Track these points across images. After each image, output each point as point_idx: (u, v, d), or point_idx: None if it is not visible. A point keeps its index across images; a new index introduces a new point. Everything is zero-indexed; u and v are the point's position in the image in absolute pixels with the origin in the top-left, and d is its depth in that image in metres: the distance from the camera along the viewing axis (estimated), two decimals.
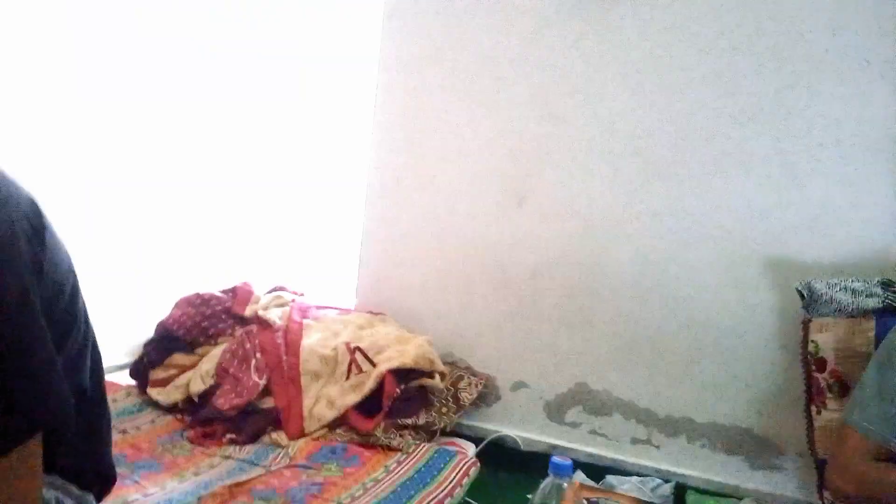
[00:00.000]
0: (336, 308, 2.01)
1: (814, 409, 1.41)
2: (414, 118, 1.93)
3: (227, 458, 1.46)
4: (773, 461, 1.56)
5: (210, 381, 1.67)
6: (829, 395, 1.38)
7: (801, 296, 1.45)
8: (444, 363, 1.82)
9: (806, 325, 1.44)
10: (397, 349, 1.74)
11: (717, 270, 1.61)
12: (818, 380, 1.40)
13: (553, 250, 1.78)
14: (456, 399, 1.74)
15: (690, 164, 1.62)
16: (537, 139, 1.78)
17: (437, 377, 1.74)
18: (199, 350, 1.81)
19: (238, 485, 1.30)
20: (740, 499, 1.46)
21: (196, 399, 1.66)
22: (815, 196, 1.51)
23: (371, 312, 1.97)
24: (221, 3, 2.17)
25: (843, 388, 1.35)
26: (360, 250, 2.03)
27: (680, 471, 1.62)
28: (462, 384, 1.78)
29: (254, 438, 1.55)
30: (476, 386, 1.79)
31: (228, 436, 1.53)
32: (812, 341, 1.42)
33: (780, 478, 1.55)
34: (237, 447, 1.51)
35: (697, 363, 1.63)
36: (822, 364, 1.40)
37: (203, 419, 1.59)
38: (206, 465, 1.42)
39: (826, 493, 1.35)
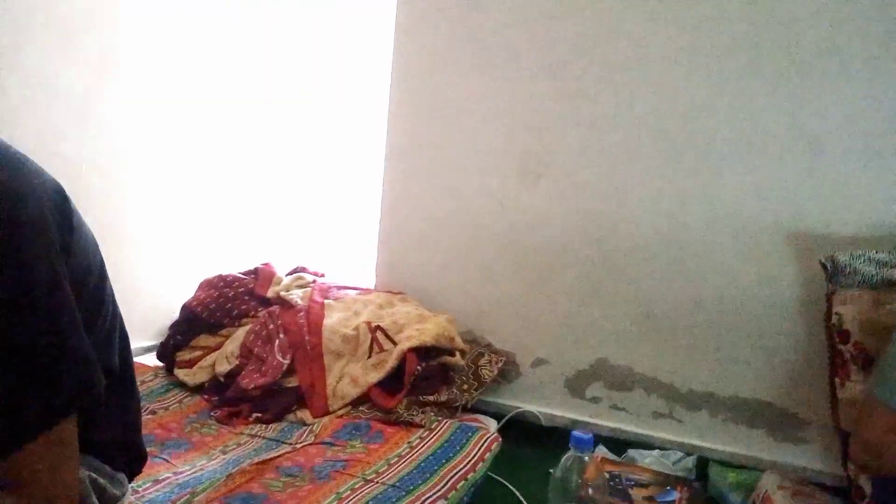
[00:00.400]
0: (356, 288, 2.03)
1: (837, 381, 1.40)
2: (430, 95, 1.92)
3: (254, 436, 1.49)
4: (796, 434, 1.56)
5: (235, 362, 1.71)
6: (852, 367, 1.37)
7: (825, 268, 1.43)
8: (465, 341, 1.83)
9: (829, 297, 1.43)
10: (417, 328, 1.75)
11: (738, 244, 1.59)
12: (842, 352, 1.39)
13: (572, 227, 1.77)
14: (477, 376, 1.75)
15: (711, 140, 1.60)
16: (556, 115, 1.76)
17: (458, 355, 1.75)
18: (224, 331, 1.85)
19: (265, 462, 1.33)
20: (763, 471, 1.45)
21: (222, 379, 1.69)
22: (836, 168, 1.49)
23: (391, 292, 1.99)
24: None
25: (866, 360, 1.34)
26: (379, 230, 2.04)
27: (702, 444, 1.62)
28: (482, 361, 1.79)
29: (279, 417, 1.58)
30: (496, 363, 1.80)
31: (254, 415, 1.57)
32: (836, 314, 1.40)
33: (803, 450, 1.55)
34: (263, 426, 1.54)
35: (719, 338, 1.62)
36: (845, 336, 1.38)
37: (229, 399, 1.63)
38: (233, 444, 1.46)
39: (850, 465, 1.34)
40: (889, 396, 1.09)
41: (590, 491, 1.04)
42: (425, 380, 1.66)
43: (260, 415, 1.57)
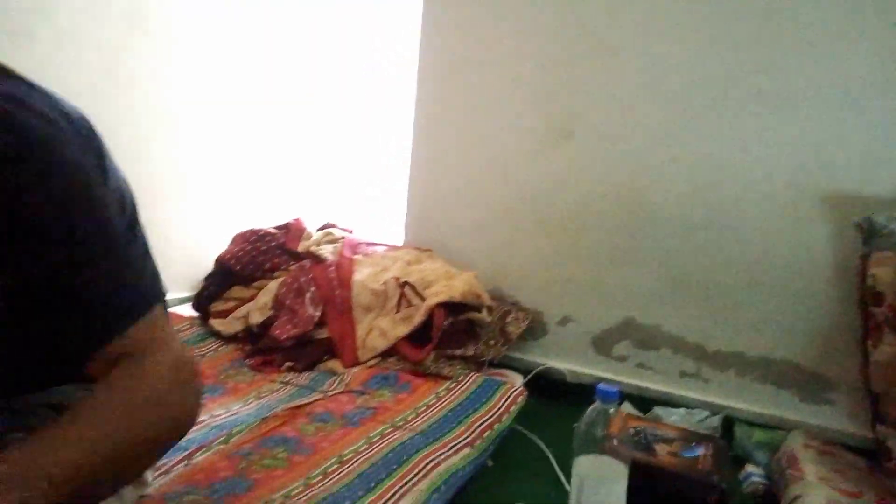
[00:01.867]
0: (385, 245, 2.05)
1: (870, 343, 1.38)
2: (459, 52, 1.90)
3: (287, 384, 1.54)
4: (825, 395, 1.55)
5: (268, 313, 1.75)
6: (886, 330, 1.35)
7: (860, 229, 1.40)
8: (492, 298, 1.85)
9: (864, 259, 1.40)
10: (445, 284, 1.77)
11: (770, 205, 1.56)
12: (875, 315, 1.37)
13: (601, 187, 1.76)
14: (503, 332, 1.77)
15: (744, 99, 1.56)
16: (586, 73, 1.73)
17: (485, 311, 1.77)
18: (256, 283, 1.89)
19: (298, 407, 1.38)
20: (789, 431, 1.46)
21: (255, 330, 1.74)
22: (873, 128, 1.44)
23: (419, 249, 2.01)
24: None
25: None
26: (408, 187, 2.05)
27: (729, 404, 1.62)
28: (509, 318, 1.81)
29: (310, 366, 1.62)
30: (523, 320, 1.82)
31: (287, 363, 1.61)
32: (870, 276, 1.38)
33: (831, 411, 1.54)
34: (295, 374, 1.59)
35: (749, 298, 1.61)
36: (879, 299, 1.36)
37: (262, 348, 1.67)
38: (267, 390, 1.50)
39: (880, 427, 1.34)
40: None
41: (614, 443, 1.05)
42: (452, 335, 1.69)
43: (292, 364, 1.61)
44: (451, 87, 1.93)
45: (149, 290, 0.78)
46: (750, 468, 1.38)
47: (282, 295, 1.78)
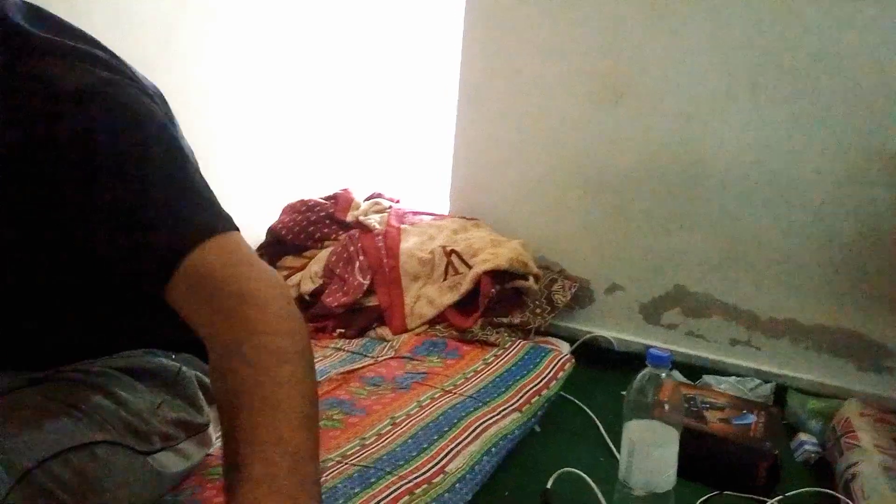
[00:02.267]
0: (431, 214, 2.07)
1: None
2: (505, 16, 1.86)
3: (339, 349, 1.58)
4: (882, 363, 1.51)
5: (319, 282, 1.80)
6: None
7: None
8: (539, 266, 1.85)
9: None
10: (491, 252, 1.77)
11: (830, 169, 1.51)
12: None
13: (651, 151, 1.72)
14: (550, 301, 1.77)
15: (800, 67, 1.50)
16: (639, 36, 1.68)
17: (531, 279, 1.77)
18: (307, 253, 1.93)
19: (350, 372, 1.42)
20: (844, 400, 1.43)
21: (307, 297, 1.79)
22: None
23: (465, 218, 2.01)
24: None
25: None
26: (453, 156, 2.05)
27: (782, 372, 1.60)
28: (556, 287, 1.81)
29: (361, 333, 1.66)
30: (570, 288, 1.81)
31: (338, 330, 1.66)
32: None
33: (888, 380, 1.50)
34: (347, 340, 1.63)
35: (805, 267, 1.57)
36: None
37: (314, 315, 1.72)
38: (319, 356, 1.55)
39: None
40: None
41: (665, 408, 1.05)
42: (499, 302, 1.70)
43: (343, 330, 1.66)
44: (497, 47, 1.89)
45: (225, 217, 0.75)
46: (803, 436, 1.36)
47: (332, 264, 1.82)
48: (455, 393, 1.33)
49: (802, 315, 1.59)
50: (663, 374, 1.06)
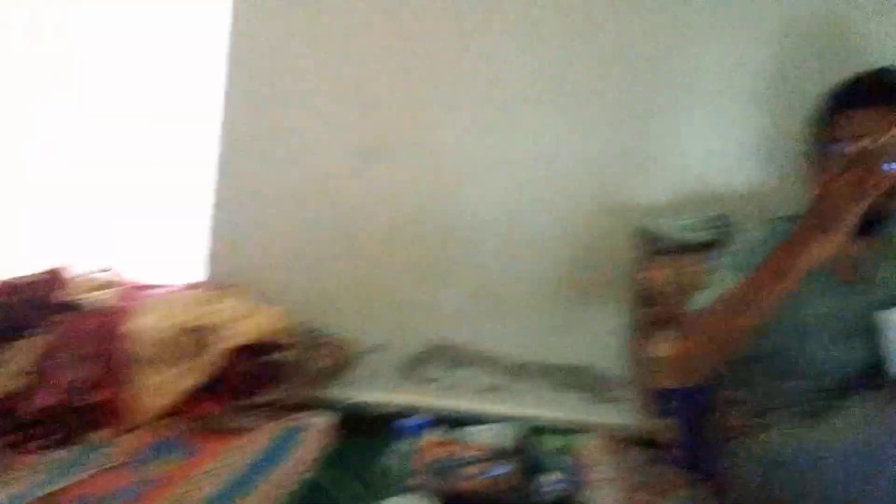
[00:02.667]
0: (172, 286, 1.85)
1: (644, 342, 1.49)
2: (269, 68, 1.76)
3: (44, 464, 1.29)
4: (614, 394, 1.65)
5: (18, 381, 1.47)
6: (659, 328, 1.46)
7: (636, 237, 1.51)
8: (301, 331, 1.73)
9: (640, 264, 1.52)
10: (243, 324, 1.63)
11: (555, 218, 1.65)
12: (648, 315, 1.49)
13: (408, 207, 1.74)
14: (310, 370, 1.67)
15: (539, 110, 1.63)
16: (394, 90, 1.70)
17: (288, 350, 1.66)
18: (7, 346, 1.59)
19: (57, 493, 1.16)
20: (584, 433, 1.53)
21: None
22: (655, 136, 1.58)
23: (217, 286, 1.83)
24: None
25: (671, 322, 1.44)
26: (213, 215, 1.86)
27: (535, 413, 1.67)
28: (316, 354, 1.71)
29: (68, 440, 1.38)
30: (331, 355, 1.73)
31: (42, 440, 1.36)
32: (644, 279, 1.50)
33: (622, 408, 1.65)
34: (56, 450, 1.35)
35: (541, 309, 1.69)
36: (652, 300, 1.48)
37: (14, 425, 1.40)
38: (18, 475, 1.25)
39: (658, 420, 1.44)
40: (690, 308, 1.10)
41: (421, 479, 1.02)
42: (252, 380, 1.55)
43: (50, 439, 1.37)
44: (261, 104, 1.78)
45: None
46: (550, 476, 1.40)
47: (38, 357, 1.51)
48: (195, 499, 1.15)
49: (547, 355, 1.69)
50: (414, 445, 1.02)
